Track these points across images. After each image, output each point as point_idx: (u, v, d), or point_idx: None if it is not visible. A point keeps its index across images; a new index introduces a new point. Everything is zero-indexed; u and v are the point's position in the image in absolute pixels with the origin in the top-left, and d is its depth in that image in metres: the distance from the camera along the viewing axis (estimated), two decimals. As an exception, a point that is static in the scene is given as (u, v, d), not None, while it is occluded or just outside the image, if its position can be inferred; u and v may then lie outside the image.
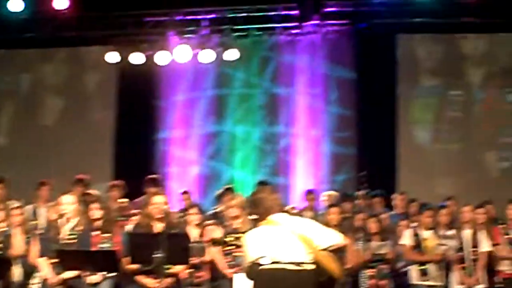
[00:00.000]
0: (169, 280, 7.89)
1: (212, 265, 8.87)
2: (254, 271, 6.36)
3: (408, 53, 13.93)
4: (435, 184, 12.57)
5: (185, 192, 11.82)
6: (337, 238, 6.76)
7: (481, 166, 11.51)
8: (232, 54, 13.64)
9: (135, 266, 7.85)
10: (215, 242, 8.83)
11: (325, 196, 11.84)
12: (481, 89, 11.78)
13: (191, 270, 8.85)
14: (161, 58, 13.70)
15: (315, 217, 10.36)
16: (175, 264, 7.91)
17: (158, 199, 8.15)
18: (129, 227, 8.87)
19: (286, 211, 9.50)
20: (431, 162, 12.29)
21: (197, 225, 9.19)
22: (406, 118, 13.26)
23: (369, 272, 9.16)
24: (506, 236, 9.47)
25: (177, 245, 7.53)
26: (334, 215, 9.22)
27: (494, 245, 9.48)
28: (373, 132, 13.59)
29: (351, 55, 14.19)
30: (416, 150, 13.02)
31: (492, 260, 9.58)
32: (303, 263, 6.37)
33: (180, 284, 8.22)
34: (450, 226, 9.48)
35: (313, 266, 6.36)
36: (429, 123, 12.32)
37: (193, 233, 8.93)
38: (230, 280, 8.56)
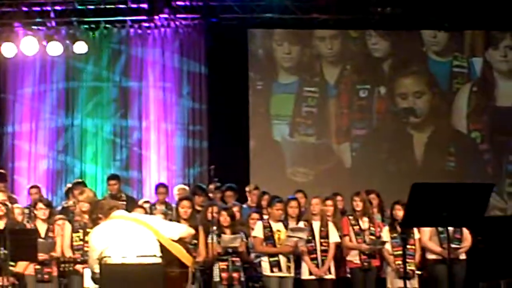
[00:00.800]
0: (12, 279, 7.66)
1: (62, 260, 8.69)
2: (101, 267, 6.28)
3: (260, 49, 14.03)
4: (289, 176, 12.79)
5: (33, 187, 11.51)
6: (185, 230, 6.82)
7: (335, 157, 12.04)
8: (81, 47, 13.35)
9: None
10: None
11: (177, 189, 11.81)
12: (334, 85, 12.23)
13: (38, 266, 8.67)
14: (7, 50, 13.24)
15: (167, 211, 10.33)
16: (21, 260, 7.69)
17: (-3, 196, 7.90)
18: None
19: (139, 206, 9.51)
20: (288, 155, 12.55)
21: (45, 220, 9.00)
22: (261, 112, 13.36)
23: (221, 264, 9.17)
24: (355, 227, 9.69)
25: (22, 241, 7.33)
26: (185, 208, 9.17)
27: (343, 236, 9.70)
28: (225, 126, 13.66)
29: (203, 49, 14.21)
30: (272, 143, 13.18)
31: (340, 251, 9.82)
32: (151, 256, 6.35)
33: (26, 281, 8.01)
34: (300, 218, 9.62)
35: (161, 260, 6.35)
36: (287, 118, 12.56)
37: (41, 228, 8.74)
38: (81, 275, 8.42)
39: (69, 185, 11.65)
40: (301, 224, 9.52)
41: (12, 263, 7.69)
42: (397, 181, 11.77)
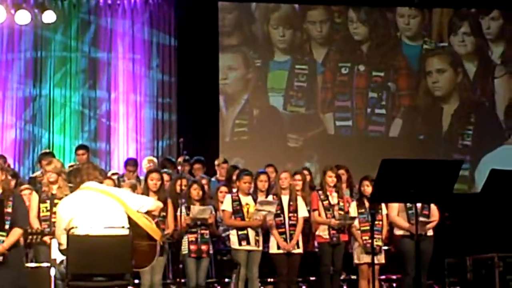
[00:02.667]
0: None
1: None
2: (68, 237, 6.26)
3: (233, 21, 14.09)
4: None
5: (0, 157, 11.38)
6: (153, 204, 6.83)
7: (321, 125, 13.30)
8: (49, 16, 13.17)
9: None
10: None
11: (146, 162, 11.77)
12: (321, 64, 13.45)
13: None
14: (-26, 18, 13.06)
15: (136, 183, 10.29)
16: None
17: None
18: None
19: (108, 177, 9.46)
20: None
21: (11, 190, 8.89)
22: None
23: (190, 237, 9.16)
24: (324, 202, 9.71)
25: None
26: (154, 180, 9.14)
27: (312, 210, 9.72)
28: (194, 99, 13.63)
29: (172, 21, 14.14)
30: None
31: (309, 226, 9.85)
32: (119, 228, 6.34)
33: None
34: (269, 192, 9.62)
35: (129, 232, 6.34)
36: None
37: (7, 199, 8.64)
38: (48, 246, 8.37)
39: (38, 155, 11.56)
40: (270, 197, 9.52)
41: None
42: (373, 145, 13.17)
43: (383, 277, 10.05)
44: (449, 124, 13.84)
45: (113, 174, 11.22)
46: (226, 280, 9.62)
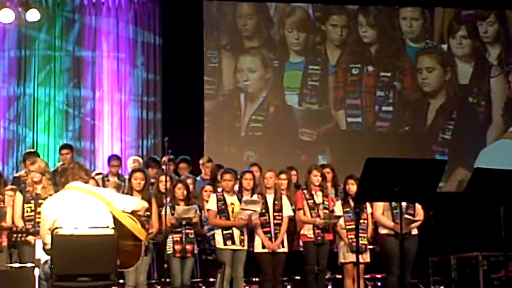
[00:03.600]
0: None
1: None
2: (53, 237, 6.24)
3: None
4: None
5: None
6: (138, 203, 6.82)
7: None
8: (33, 15, 13.10)
9: None
10: None
11: (131, 161, 11.74)
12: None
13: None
14: (-42, 16, 12.97)
15: (120, 183, 10.27)
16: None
17: None
18: None
19: (92, 177, 9.43)
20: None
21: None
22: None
23: (175, 236, 9.15)
24: (309, 201, 9.72)
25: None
26: (138, 180, 9.12)
27: (297, 209, 9.72)
28: (179, 98, 13.61)
29: (157, 20, 14.13)
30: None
31: (294, 225, 9.85)
32: (104, 228, 6.33)
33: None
34: (254, 191, 9.62)
35: (114, 231, 6.33)
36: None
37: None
38: (32, 247, 8.35)
39: (22, 155, 11.52)
40: (255, 197, 9.52)
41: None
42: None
43: (368, 276, 10.08)
44: (433, 118, 14.61)
45: (97, 174, 11.19)
46: (211, 279, 9.61)
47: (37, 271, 7.49)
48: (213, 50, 14.14)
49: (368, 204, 9.69)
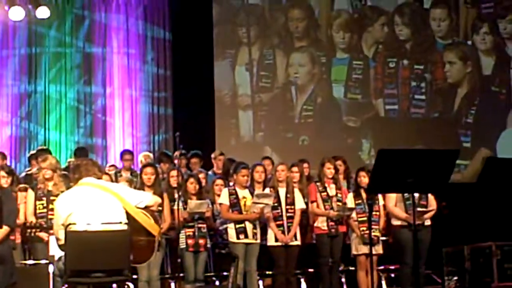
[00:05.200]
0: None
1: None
2: (66, 234, 6.25)
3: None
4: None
5: (-1, 154, 11.36)
6: (152, 199, 6.82)
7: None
8: (43, 12, 13.13)
9: None
10: None
11: (142, 156, 11.76)
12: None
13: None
14: (-32, 15, 13.02)
15: (132, 178, 10.28)
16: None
17: None
18: None
19: (105, 173, 9.46)
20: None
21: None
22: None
23: (187, 231, 9.16)
24: (322, 194, 9.71)
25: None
26: (148, 175, 9.13)
27: (310, 202, 9.71)
28: (189, 92, 13.61)
29: (167, 15, 14.14)
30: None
31: (307, 217, 9.84)
32: (117, 223, 6.32)
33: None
34: (265, 184, 9.61)
35: (127, 227, 6.33)
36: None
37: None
38: (45, 243, 8.37)
39: (33, 152, 11.54)
40: (267, 190, 9.51)
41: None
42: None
43: (381, 267, 10.04)
44: (459, 104, 15.53)
45: (111, 166, 11.21)
46: (225, 273, 9.61)
47: (51, 268, 7.52)
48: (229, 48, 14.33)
49: (380, 196, 9.67)
